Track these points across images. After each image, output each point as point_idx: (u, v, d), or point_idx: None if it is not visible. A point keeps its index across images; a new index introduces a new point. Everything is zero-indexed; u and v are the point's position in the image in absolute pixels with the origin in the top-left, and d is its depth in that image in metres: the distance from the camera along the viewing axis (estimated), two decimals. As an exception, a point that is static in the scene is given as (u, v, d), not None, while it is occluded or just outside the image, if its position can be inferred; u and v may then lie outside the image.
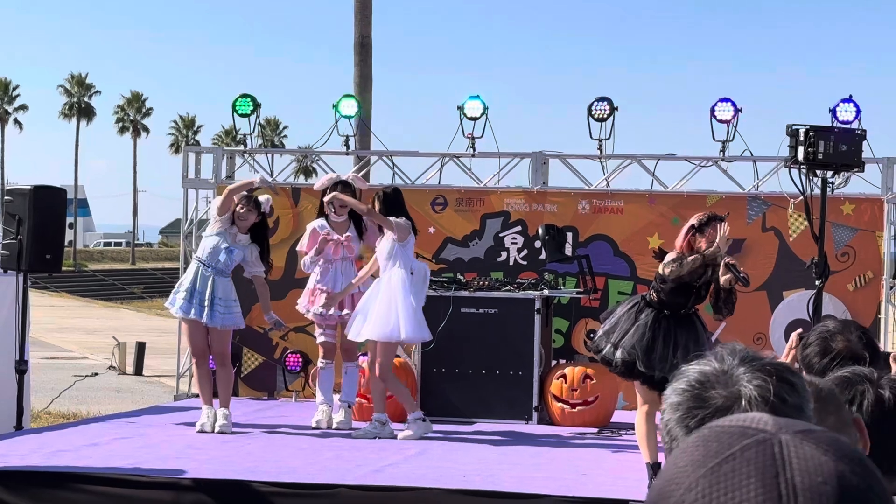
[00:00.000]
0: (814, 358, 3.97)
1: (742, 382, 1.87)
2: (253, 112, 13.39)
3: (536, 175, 12.95)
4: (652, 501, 1.22)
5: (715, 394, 1.86)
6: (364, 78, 22.30)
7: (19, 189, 11.42)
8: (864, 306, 12.26)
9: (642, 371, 8.28)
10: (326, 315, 10.56)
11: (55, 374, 21.21)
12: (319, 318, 10.67)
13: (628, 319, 8.45)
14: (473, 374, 11.26)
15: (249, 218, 10.37)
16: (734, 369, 1.91)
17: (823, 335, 4.02)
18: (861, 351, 3.91)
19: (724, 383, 1.88)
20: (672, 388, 1.92)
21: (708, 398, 1.85)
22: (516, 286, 11.52)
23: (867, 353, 3.91)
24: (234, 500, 7.90)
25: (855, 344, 3.95)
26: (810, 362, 3.97)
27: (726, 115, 12.56)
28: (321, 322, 10.75)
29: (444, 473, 8.34)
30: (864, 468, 1.20)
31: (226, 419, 10.24)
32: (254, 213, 10.40)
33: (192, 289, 10.27)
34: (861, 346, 3.95)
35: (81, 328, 36.66)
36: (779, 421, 1.24)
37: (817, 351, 3.98)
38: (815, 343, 4.01)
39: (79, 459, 8.67)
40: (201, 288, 10.26)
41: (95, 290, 67.13)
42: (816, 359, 3.95)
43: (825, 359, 3.90)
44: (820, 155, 9.24)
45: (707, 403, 1.84)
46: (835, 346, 3.94)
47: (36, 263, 11.20)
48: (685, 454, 1.23)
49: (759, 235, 12.52)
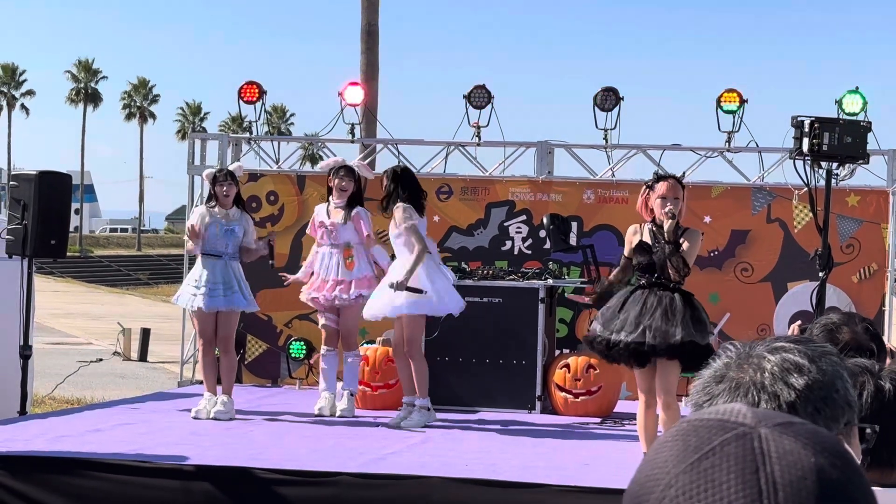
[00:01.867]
0: None
1: (762, 354, 1.85)
2: (259, 99, 13.39)
3: (542, 164, 12.94)
4: (633, 497, 1.21)
5: (734, 373, 1.85)
6: (371, 65, 22.30)
7: (25, 174, 11.42)
8: (869, 298, 12.25)
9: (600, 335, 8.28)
10: (319, 298, 10.58)
11: (60, 359, 21.26)
12: (313, 301, 10.70)
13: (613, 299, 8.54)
14: (477, 363, 11.26)
15: (231, 191, 10.46)
16: (752, 349, 1.89)
17: (829, 327, 4.00)
18: (867, 343, 3.90)
19: (745, 360, 1.86)
20: (694, 387, 1.91)
21: (730, 379, 1.84)
22: (521, 275, 11.51)
23: (874, 345, 3.90)
24: (237, 486, 7.91)
25: (861, 336, 3.94)
26: None
27: (732, 106, 12.54)
28: (316, 306, 10.78)
29: (446, 462, 8.35)
30: (844, 461, 1.19)
31: (224, 406, 10.24)
32: (234, 185, 10.51)
33: (199, 280, 10.34)
34: (867, 337, 3.94)
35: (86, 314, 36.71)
36: (757, 413, 1.23)
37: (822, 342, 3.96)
38: (821, 335, 4.00)
39: (82, 445, 8.68)
40: (210, 277, 10.29)
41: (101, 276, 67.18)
42: None
43: None
44: (825, 146, 9.22)
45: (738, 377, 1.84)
46: (841, 337, 3.93)
47: (41, 249, 11.21)
48: (664, 448, 1.22)
49: (763, 226, 12.51)
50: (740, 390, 1.82)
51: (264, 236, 10.79)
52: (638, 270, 8.53)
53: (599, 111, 12.78)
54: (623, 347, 8.24)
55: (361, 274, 10.58)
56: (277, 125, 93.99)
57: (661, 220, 8.37)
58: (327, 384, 10.70)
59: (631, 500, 1.21)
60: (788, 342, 1.90)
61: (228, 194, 10.44)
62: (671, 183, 8.48)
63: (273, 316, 12.88)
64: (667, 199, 8.37)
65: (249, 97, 13.40)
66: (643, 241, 8.46)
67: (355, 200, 10.68)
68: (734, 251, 12.50)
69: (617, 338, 8.27)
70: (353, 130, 13.39)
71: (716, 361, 1.89)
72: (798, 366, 1.84)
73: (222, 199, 10.42)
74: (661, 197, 8.39)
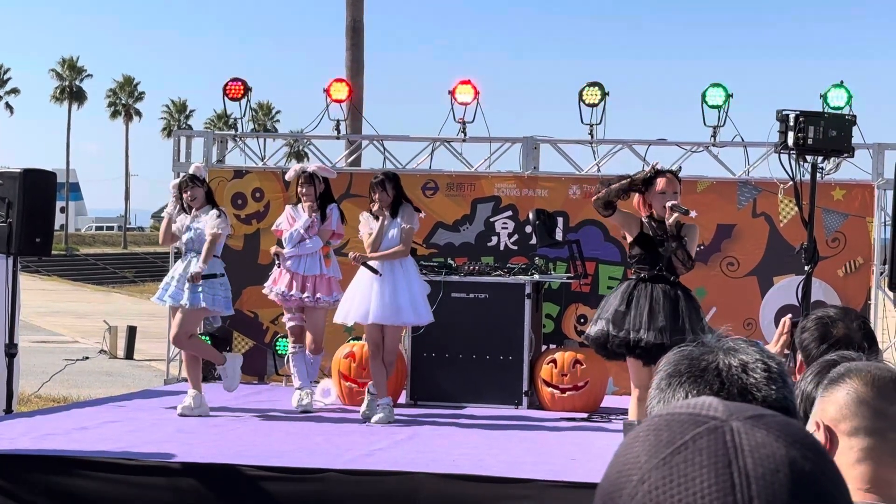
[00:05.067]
0: (811, 343, 3.95)
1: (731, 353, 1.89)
2: (244, 96, 13.37)
3: (527, 160, 12.94)
4: (605, 492, 1.20)
5: (705, 360, 1.87)
6: (356, 62, 22.29)
7: (9, 172, 11.38)
8: (855, 292, 12.28)
9: (616, 335, 8.36)
10: (287, 296, 10.63)
11: (46, 357, 21.20)
12: (280, 299, 10.74)
13: (613, 297, 8.64)
14: (463, 358, 11.26)
15: (198, 194, 10.51)
16: (717, 349, 1.92)
17: (824, 321, 3.99)
18: (860, 340, 3.89)
19: (707, 350, 1.90)
20: (655, 379, 1.93)
21: (701, 361, 1.86)
22: (507, 271, 11.52)
23: (866, 343, 3.89)
24: (224, 483, 7.90)
25: (855, 332, 3.94)
26: (807, 346, 3.95)
27: (717, 101, 12.56)
28: (283, 304, 10.83)
29: (433, 458, 8.35)
30: (817, 453, 1.19)
31: (192, 399, 10.33)
32: (200, 187, 10.56)
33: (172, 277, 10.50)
34: (861, 335, 3.94)
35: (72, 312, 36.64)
36: (729, 406, 1.23)
37: (816, 336, 3.96)
38: (814, 328, 3.99)
39: (69, 443, 8.67)
40: (182, 273, 10.42)
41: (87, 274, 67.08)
42: (814, 344, 3.93)
43: (824, 344, 3.88)
44: (810, 140, 9.23)
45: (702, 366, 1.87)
46: (835, 332, 3.93)
47: (26, 247, 11.18)
48: (636, 443, 1.21)
49: (749, 221, 12.53)
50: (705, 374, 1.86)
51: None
52: (637, 263, 8.59)
53: (585, 106, 12.79)
54: (645, 346, 8.31)
55: (337, 274, 10.76)
56: (263, 122, 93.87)
57: (660, 215, 8.47)
58: (301, 381, 10.79)
59: (603, 496, 1.21)
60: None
61: (196, 197, 10.51)
62: (669, 177, 8.61)
63: (259, 313, 12.87)
64: (666, 193, 8.49)
65: (235, 94, 13.38)
66: (644, 233, 8.55)
67: (327, 200, 10.80)
68: (720, 245, 12.52)
69: (637, 337, 8.33)
70: (339, 127, 13.37)
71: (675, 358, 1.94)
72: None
73: (191, 202, 10.51)
74: (661, 192, 8.49)
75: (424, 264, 11.41)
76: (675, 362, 1.91)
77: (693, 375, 1.87)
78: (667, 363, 1.94)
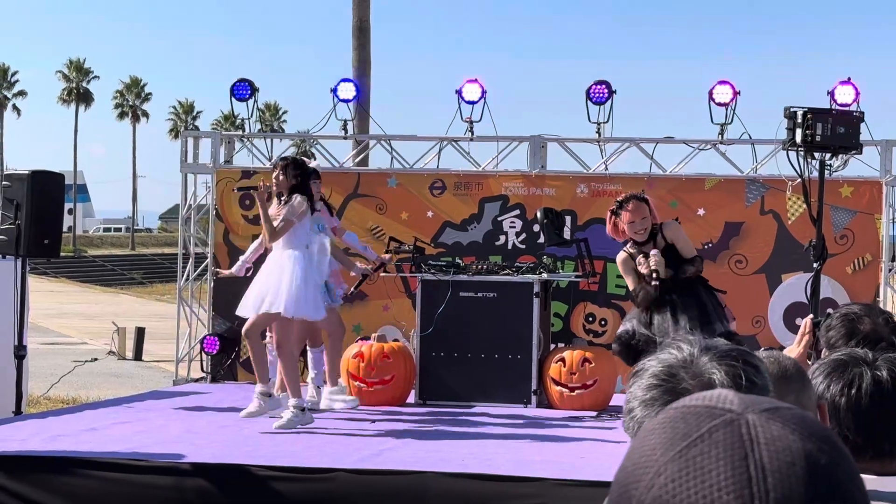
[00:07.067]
0: (839, 340, 3.93)
1: (710, 370, 1.89)
2: (251, 96, 13.38)
3: (535, 159, 12.94)
4: (621, 485, 1.21)
5: (686, 385, 1.87)
6: (362, 62, 22.30)
7: (17, 174, 11.41)
8: (863, 289, 12.26)
9: (645, 334, 8.72)
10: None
11: (54, 359, 21.24)
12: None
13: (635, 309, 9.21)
14: (472, 357, 11.26)
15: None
16: (697, 359, 1.92)
17: (850, 317, 3.98)
18: (888, 335, 3.87)
19: (691, 373, 1.89)
20: (638, 385, 1.93)
21: (681, 391, 1.86)
22: (515, 270, 11.51)
23: (893, 338, 3.87)
24: (233, 484, 7.90)
25: (881, 327, 3.92)
26: (835, 344, 3.93)
27: (725, 98, 12.55)
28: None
29: (442, 457, 8.34)
30: (832, 446, 1.19)
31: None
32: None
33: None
34: (888, 330, 3.92)
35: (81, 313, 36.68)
36: (744, 399, 1.23)
37: (843, 333, 3.94)
38: (840, 325, 3.97)
39: (78, 444, 8.67)
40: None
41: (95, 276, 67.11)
42: (842, 341, 3.91)
43: (851, 341, 3.87)
44: (818, 137, 9.20)
45: (681, 396, 1.87)
46: (862, 328, 3.91)
47: (34, 249, 11.20)
48: (652, 436, 1.22)
49: (757, 218, 12.52)
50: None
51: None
52: (646, 300, 9.15)
53: (592, 105, 12.78)
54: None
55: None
56: (270, 123, 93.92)
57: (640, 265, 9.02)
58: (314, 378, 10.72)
59: (619, 488, 1.21)
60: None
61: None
62: (633, 205, 9.06)
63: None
64: (635, 223, 9.09)
65: (241, 95, 13.39)
66: (641, 272, 9.09)
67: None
68: (728, 243, 12.51)
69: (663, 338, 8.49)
70: (346, 127, 13.38)
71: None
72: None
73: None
74: (630, 223, 9.11)
75: (433, 263, 11.41)
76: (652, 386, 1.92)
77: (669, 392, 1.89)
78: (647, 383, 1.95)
